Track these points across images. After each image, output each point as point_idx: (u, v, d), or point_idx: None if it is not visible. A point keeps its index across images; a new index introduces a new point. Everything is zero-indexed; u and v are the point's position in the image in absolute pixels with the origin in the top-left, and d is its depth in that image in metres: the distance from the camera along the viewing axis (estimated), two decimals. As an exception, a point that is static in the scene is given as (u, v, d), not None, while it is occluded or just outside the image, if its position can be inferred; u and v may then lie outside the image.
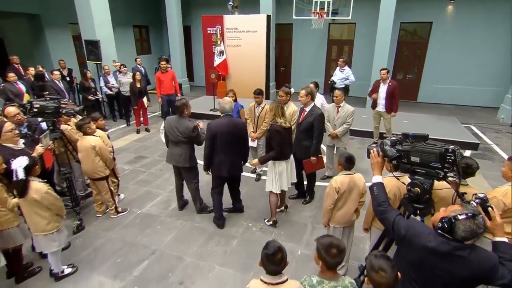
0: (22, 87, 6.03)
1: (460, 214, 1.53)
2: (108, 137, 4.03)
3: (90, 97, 7.32)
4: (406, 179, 1.99)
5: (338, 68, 7.43)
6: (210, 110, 8.51)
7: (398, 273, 1.51)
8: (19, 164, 2.49)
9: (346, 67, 7.35)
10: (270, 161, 3.55)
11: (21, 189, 2.52)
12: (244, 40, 9.49)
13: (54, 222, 2.74)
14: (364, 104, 9.18)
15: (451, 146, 1.72)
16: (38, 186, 2.59)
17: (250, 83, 9.68)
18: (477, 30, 9.04)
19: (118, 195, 4.32)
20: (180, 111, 3.61)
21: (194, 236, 3.67)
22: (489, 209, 1.69)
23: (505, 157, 5.84)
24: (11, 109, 3.48)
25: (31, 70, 6.93)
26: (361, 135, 7.00)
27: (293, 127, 4.06)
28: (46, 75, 6.91)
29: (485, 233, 1.69)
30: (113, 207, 3.96)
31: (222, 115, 3.52)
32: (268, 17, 9.21)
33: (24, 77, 6.82)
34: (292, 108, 4.42)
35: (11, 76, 5.92)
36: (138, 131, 7.30)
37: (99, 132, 3.81)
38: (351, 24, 10.39)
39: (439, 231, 1.59)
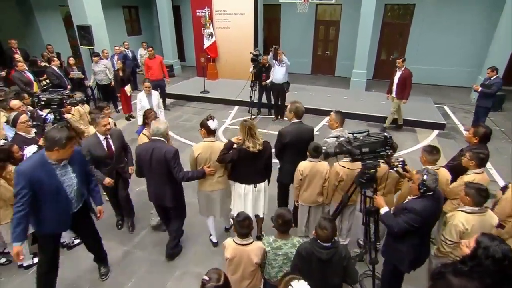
0: (30, 75, 6.18)
1: (423, 176, 2.22)
2: (115, 125, 4.50)
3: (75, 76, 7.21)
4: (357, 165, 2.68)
5: (275, 63, 6.70)
6: (201, 93, 8.75)
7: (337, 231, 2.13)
8: (29, 151, 3.02)
9: (284, 58, 6.62)
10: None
11: None
12: (232, 23, 9.73)
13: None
14: (348, 85, 9.67)
15: (385, 134, 2.37)
16: None
17: (239, 64, 10.05)
18: (457, 13, 9.38)
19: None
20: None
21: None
22: (407, 167, 2.60)
23: (468, 136, 6.46)
24: (15, 102, 4.09)
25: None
26: (354, 117, 7.13)
27: None
28: (38, 61, 7.23)
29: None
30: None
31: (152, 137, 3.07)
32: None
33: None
34: None
35: (21, 65, 5.97)
36: (127, 118, 7.48)
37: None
38: (338, 5, 10.60)
39: (425, 193, 2.25)
